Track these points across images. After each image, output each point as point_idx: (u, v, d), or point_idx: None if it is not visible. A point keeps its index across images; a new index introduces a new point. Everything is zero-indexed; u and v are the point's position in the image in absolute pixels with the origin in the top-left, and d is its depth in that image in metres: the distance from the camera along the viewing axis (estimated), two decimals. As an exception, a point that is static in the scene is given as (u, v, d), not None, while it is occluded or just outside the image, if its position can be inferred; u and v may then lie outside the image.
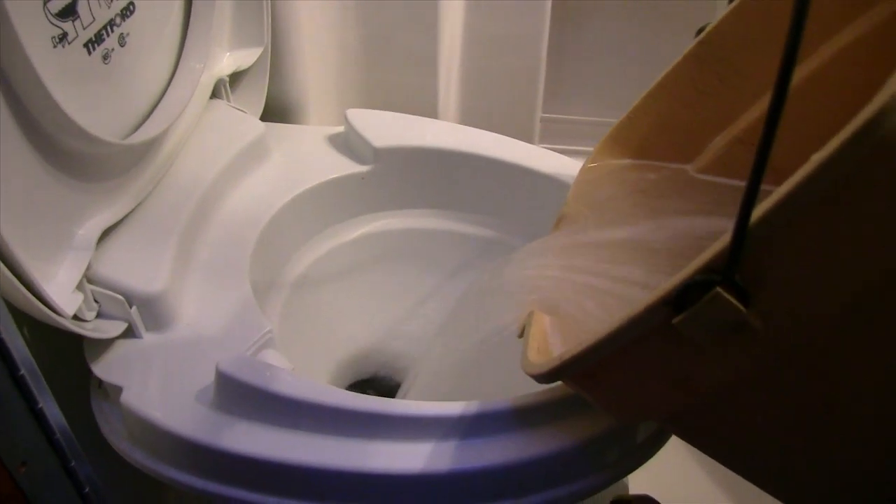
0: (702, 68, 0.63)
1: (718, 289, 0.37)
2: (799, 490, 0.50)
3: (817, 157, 0.33)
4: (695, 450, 1.05)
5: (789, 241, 0.36)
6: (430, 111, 1.04)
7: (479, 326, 0.66)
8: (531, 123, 1.13)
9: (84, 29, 0.57)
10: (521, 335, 0.59)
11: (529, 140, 1.14)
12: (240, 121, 0.82)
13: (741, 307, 0.37)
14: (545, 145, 1.22)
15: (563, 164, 0.81)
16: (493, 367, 0.64)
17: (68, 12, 0.55)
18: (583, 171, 0.70)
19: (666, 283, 0.38)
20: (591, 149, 0.70)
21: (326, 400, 0.55)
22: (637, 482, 0.80)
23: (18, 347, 0.44)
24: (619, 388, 0.48)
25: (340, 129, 0.86)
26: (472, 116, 1.13)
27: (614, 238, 0.62)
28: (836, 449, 0.45)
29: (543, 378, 0.49)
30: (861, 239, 0.36)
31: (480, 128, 0.87)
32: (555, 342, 0.57)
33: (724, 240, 0.36)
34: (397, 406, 0.55)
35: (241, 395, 0.56)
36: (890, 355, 0.40)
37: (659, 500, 0.86)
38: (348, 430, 0.55)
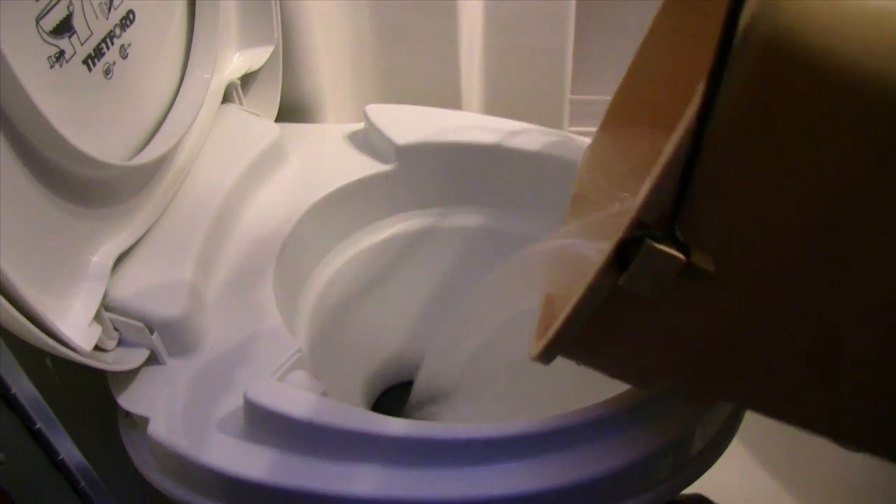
0: (684, 9, 0.58)
1: (649, 241, 0.37)
2: (826, 417, 0.49)
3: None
4: (748, 445, 1.03)
5: (713, 172, 0.35)
6: (453, 99, 1.00)
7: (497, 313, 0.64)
8: (560, 106, 1.09)
9: (82, 44, 0.54)
10: None
11: (559, 123, 1.10)
12: (254, 125, 0.79)
13: (680, 255, 0.37)
14: (575, 128, 1.18)
15: (593, 150, 0.77)
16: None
17: (63, 28, 0.52)
18: (592, 142, 0.66)
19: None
20: (623, 131, 0.66)
21: (362, 427, 0.53)
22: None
23: (32, 399, 0.41)
24: (618, 356, 0.48)
25: (360, 126, 0.83)
26: (497, 102, 1.08)
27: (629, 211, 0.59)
28: (848, 371, 0.44)
29: (540, 359, 0.48)
30: (789, 155, 0.35)
31: (507, 113, 0.83)
32: None
33: (645, 193, 0.36)
34: (436, 431, 0.53)
35: (272, 424, 0.54)
36: (870, 267, 0.39)
37: (711, 499, 0.84)
38: (386, 458, 0.53)
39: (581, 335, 0.44)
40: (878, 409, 0.46)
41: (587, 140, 0.79)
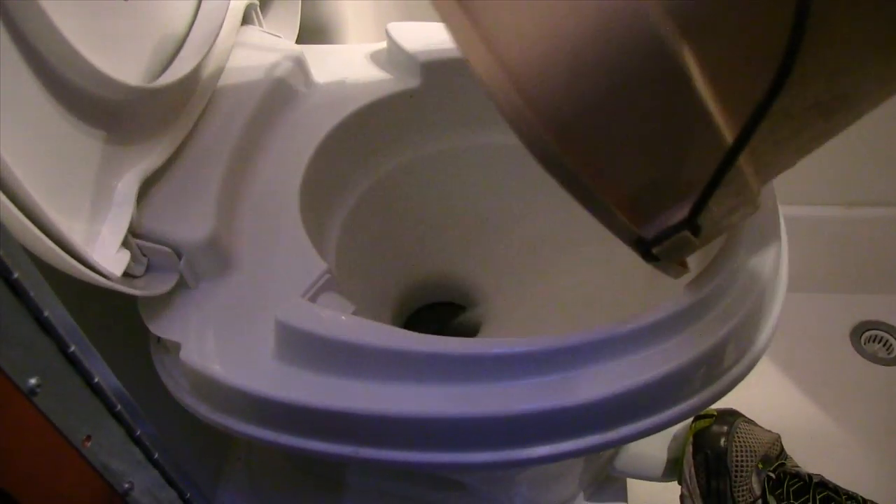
0: None
1: (655, 250, 0.43)
2: None
3: None
4: (777, 361, 1.03)
5: None
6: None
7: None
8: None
9: (97, -38, 0.53)
10: None
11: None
12: (275, 46, 0.77)
13: (688, 234, 0.42)
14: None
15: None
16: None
17: (77, -54, 0.50)
18: None
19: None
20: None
21: (396, 344, 0.52)
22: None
23: (65, 322, 0.41)
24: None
25: (382, 45, 0.81)
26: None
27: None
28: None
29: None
30: None
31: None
32: None
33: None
34: (470, 347, 0.52)
35: (303, 345, 0.54)
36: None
37: (741, 412, 0.84)
38: (420, 375, 0.52)
39: None
40: None
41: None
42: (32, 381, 0.38)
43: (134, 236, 0.58)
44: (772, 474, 0.77)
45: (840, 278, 1.20)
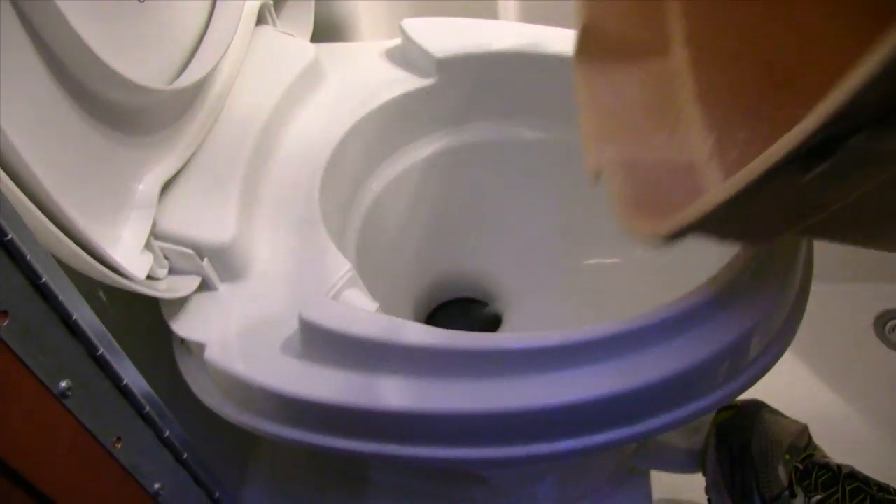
0: None
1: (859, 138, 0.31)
2: None
3: None
4: (802, 354, 1.03)
5: None
6: (489, 9, 0.97)
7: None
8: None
9: (112, -32, 0.53)
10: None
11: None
12: (290, 45, 0.77)
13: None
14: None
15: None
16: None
17: (93, -48, 0.50)
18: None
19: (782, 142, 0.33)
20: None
21: (419, 341, 0.52)
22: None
23: (94, 327, 0.41)
24: (749, 228, 0.46)
25: (397, 41, 0.80)
26: (534, 10, 1.05)
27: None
28: None
29: (666, 241, 0.45)
30: None
31: (545, 22, 0.80)
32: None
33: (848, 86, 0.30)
34: (498, 342, 0.52)
35: (329, 343, 0.54)
36: None
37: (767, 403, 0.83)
38: (448, 371, 0.52)
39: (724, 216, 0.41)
40: None
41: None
42: (63, 384, 0.38)
43: (156, 238, 0.58)
44: (799, 465, 0.76)
45: (862, 267, 1.19)
